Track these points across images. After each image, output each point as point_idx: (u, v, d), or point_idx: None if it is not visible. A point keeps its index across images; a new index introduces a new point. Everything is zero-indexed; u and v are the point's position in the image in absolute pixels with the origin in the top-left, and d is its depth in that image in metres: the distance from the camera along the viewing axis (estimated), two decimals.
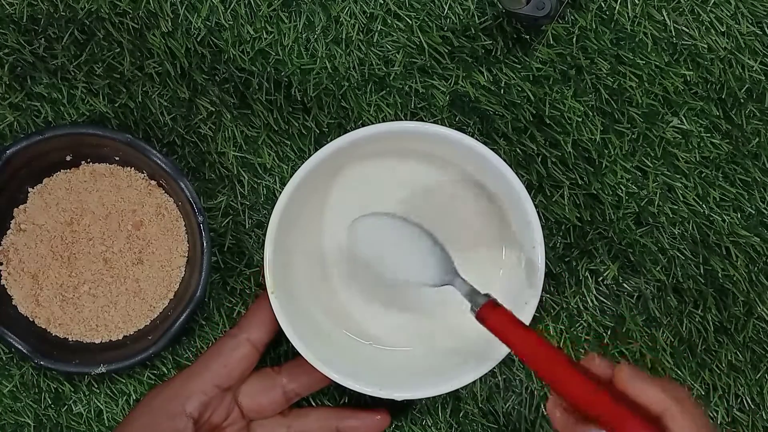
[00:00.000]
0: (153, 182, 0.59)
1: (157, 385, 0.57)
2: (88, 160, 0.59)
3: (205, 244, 0.56)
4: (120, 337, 0.59)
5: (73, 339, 0.59)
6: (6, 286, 0.59)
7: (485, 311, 0.50)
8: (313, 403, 0.60)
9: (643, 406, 0.43)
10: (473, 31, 0.58)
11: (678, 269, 0.59)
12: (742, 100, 0.58)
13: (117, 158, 0.59)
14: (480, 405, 0.60)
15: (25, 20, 0.58)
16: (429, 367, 0.57)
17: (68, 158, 0.59)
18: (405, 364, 0.58)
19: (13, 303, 0.59)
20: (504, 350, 0.54)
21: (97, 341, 0.59)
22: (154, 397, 0.55)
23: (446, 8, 0.58)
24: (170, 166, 0.56)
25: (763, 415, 0.60)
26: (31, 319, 0.59)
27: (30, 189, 0.59)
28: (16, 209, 0.59)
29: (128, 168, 0.59)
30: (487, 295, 0.51)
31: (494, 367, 0.54)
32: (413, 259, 0.54)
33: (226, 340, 0.57)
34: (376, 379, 0.55)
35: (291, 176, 0.53)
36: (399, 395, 0.55)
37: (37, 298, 0.59)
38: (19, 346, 0.57)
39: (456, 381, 0.54)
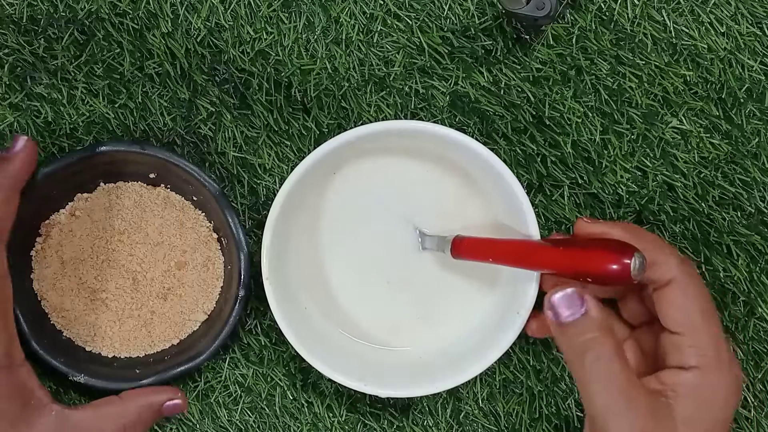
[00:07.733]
0: (215, 235, 0.59)
1: None
2: (168, 186, 0.59)
3: (231, 319, 0.57)
4: (110, 356, 0.59)
5: (66, 335, 0.58)
6: (33, 259, 0.58)
7: (455, 245, 0.56)
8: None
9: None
10: (473, 32, 0.58)
11: None
12: (742, 100, 0.58)
13: (195, 199, 0.59)
14: (480, 405, 0.60)
15: (25, 20, 0.58)
16: (428, 366, 0.57)
17: (152, 176, 0.58)
18: (404, 363, 0.58)
19: (31, 276, 0.58)
20: (502, 350, 0.54)
21: (88, 348, 0.59)
22: None
23: (446, 8, 0.58)
24: (241, 232, 0.57)
25: (764, 415, 0.59)
26: (39, 298, 0.58)
27: (103, 183, 0.59)
28: (79, 194, 0.58)
29: (199, 211, 0.59)
30: (452, 236, 0.56)
31: (494, 367, 0.54)
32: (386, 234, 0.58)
33: None
34: (377, 379, 0.55)
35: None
36: (399, 394, 0.55)
37: (55, 282, 0.58)
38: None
39: (456, 379, 0.54)
